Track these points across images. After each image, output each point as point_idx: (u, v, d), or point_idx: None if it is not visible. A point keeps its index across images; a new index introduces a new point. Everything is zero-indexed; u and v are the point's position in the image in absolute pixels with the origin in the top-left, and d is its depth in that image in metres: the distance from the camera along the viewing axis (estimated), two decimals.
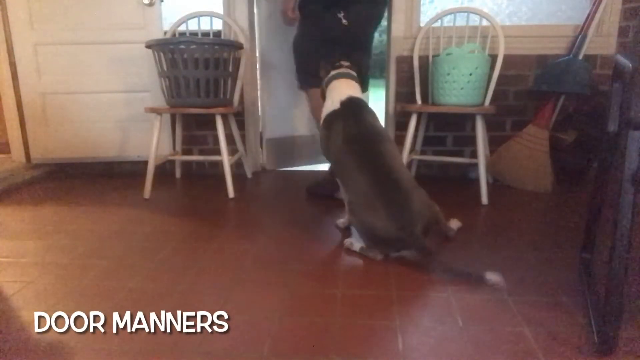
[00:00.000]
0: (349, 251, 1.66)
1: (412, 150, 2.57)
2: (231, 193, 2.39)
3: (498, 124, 2.66)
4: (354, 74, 1.74)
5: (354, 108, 1.57)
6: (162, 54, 2.29)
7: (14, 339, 1.14)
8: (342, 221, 1.88)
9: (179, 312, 1.26)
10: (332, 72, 1.72)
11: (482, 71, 2.27)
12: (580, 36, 2.44)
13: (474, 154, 2.60)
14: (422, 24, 2.64)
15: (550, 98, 2.45)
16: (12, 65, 2.74)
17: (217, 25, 2.74)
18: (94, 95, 2.75)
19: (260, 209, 2.18)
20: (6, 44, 2.70)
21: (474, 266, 1.54)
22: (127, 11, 2.64)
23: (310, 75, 1.87)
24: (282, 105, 3.05)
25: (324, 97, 1.77)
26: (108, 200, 2.37)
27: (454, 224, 1.82)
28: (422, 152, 2.74)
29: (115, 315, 1.24)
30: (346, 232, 1.84)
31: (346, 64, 1.71)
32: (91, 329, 1.19)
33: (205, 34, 2.68)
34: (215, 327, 1.19)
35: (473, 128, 2.39)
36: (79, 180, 2.80)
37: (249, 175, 2.85)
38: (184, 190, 2.59)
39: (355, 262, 1.58)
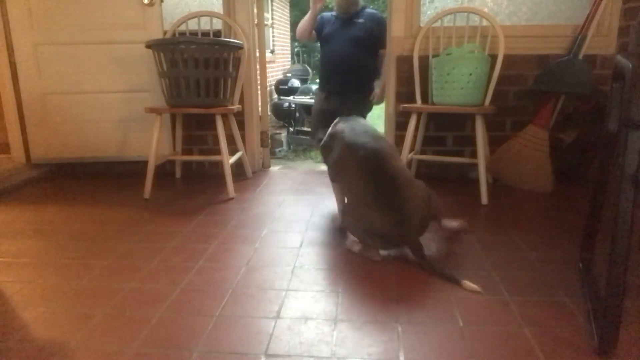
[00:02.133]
0: (350, 252, 1.66)
1: (412, 150, 2.57)
2: (231, 193, 2.39)
3: (498, 124, 2.66)
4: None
5: (358, 121, 1.71)
6: (162, 54, 2.29)
7: (14, 339, 1.14)
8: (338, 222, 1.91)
9: (179, 312, 1.26)
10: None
11: (482, 71, 2.26)
12: (580, 36, 2.44)
13: (474, 154, 2.60)
14: (422, 24, 2.64)
15: (550, 98, 2.45)
16: (12, 65, 2.74)
17: (217, 25, 2.74)
18: (94, 95, 2.75)
19: (260, 209, 2.18)
20: (6, 44, 2.70)
21: (474, 266, 1.54)
22: (127, 11, 2.64)
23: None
24: None
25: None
26: (108, 200, 2.37)
27: (452, 222, 1.83)
28: (422, 152, 2.74)
29: (115, 315, 1.25)
30: (346, 233, 1.84)
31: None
32: (91, 329, 1.19)
33: (205, 34, 2.68)
34: (215, 327, 1.19)
35: (473, 128, 2.39)
36: (79, 180, 2.80)
37: (249, 175, 2.85)
38: (184, 190, 2.59)
39: (356, 263, 1.58)
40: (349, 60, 2.96)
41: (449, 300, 1.32)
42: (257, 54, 2.94)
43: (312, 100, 6.26)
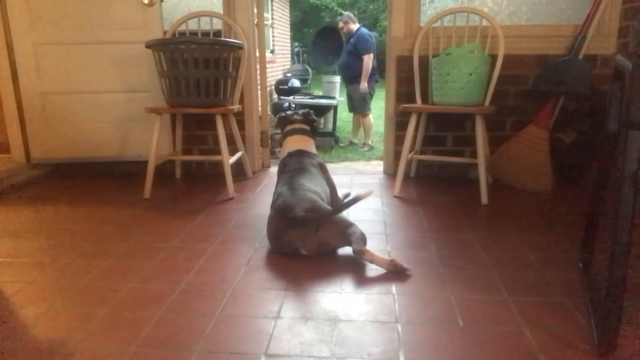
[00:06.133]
0: (349, 253, 1.65)
1: (412, 150, 2.57)
2: (231, 193, 2.39)
3: (498, 124, 2.66)
4: (306, 127, 2.04)
5: (296, 157, 1.91)
6: (162, 54, 2.29)
7: (14, 339, 1.14)
8: None
9: (179, 312, 1.26)
10: (288, 128, 2.04)
11: (482, 71, 2.26)
12: (580, 36, 2.43)
13: (474, 154, 2.60)
14: (422, 24, 2.64)
15: (550, 98, 2.45)
16: (12, 65, 2.74)
17: (217, 25, 2.74)
18: (94, 95, 2.75)
19: (260, 209, 2.18)
20: (6, 44, 2.70)
21: (474, 266, 1.54)
22: (127, 11, 2.64)
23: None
24: None
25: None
26: (108, 200, 2.37)
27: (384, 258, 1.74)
28: (422, 152, 2.74)
29: (115, 315, 1.25)
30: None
31: (300, 118, 2.05)
32: (91, 329, 1.19)
33: (205, 34, 2.68)
34: (215, 327, 1.19)
35: (473, 128, 2.39)
36: (79, 180, 2.80)
37: (249, 175, 2.85)
38: (184, 190, 2.59)
39: (355, 264, 1.58)
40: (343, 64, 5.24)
41: (449, 300, 1.32)
42: (257, 54, 2.94)
43: (312, 101, 6.29)
